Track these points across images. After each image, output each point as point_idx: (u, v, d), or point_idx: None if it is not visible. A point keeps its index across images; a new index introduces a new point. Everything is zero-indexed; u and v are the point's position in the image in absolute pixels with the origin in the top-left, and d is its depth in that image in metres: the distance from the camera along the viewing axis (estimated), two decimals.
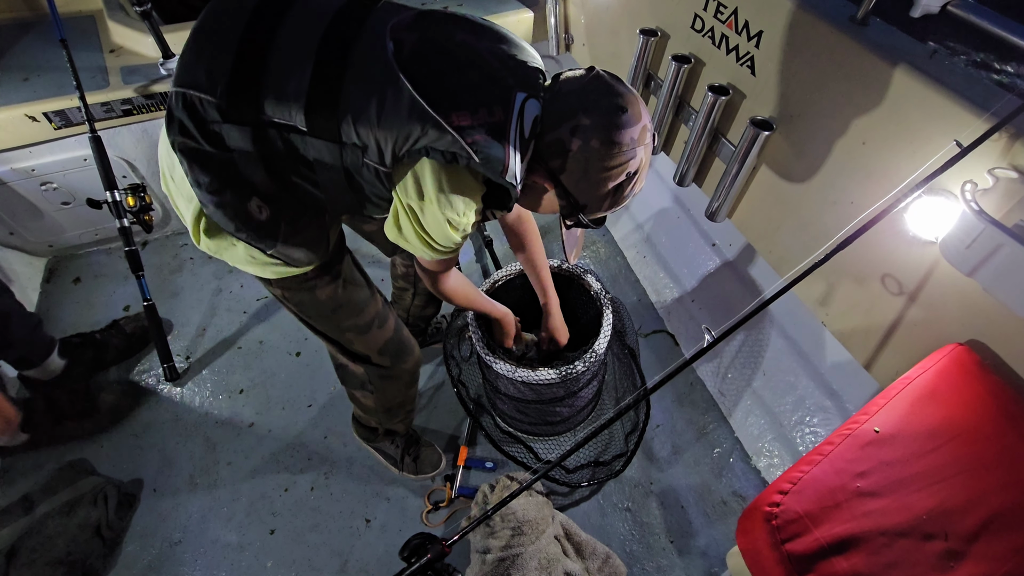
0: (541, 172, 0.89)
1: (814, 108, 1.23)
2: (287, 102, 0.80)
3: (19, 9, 2.04)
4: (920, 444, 0.91)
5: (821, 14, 1.17)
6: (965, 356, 1.01)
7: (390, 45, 0.80)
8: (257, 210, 0.88)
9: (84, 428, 1.70)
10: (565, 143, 0.84)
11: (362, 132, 0.81)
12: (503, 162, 0.80)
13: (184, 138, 0.82)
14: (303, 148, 0.84)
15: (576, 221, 0.95)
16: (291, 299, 1.11)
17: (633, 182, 0.89)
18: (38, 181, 1.90)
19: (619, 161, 0.84)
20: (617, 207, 0.93)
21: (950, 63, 1.04)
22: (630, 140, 0.84)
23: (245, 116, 0.80)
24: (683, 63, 1.49)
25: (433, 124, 0.77)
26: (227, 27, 0.82)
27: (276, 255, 0.94)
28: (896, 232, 1.10)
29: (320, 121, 0.80)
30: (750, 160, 1.37)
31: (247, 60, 0.80)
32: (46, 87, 1.77)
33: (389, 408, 1.44)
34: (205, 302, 2.08)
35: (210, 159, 0.83)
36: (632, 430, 1.67)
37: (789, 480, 0.89)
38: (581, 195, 0.89)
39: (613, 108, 0.83)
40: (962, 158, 0.84)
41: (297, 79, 0.80)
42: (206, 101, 0.80)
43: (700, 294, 1.91)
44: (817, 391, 1.52)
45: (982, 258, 0.88)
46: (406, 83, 0.78)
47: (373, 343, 1.23)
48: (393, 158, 0.83)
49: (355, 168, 0.86)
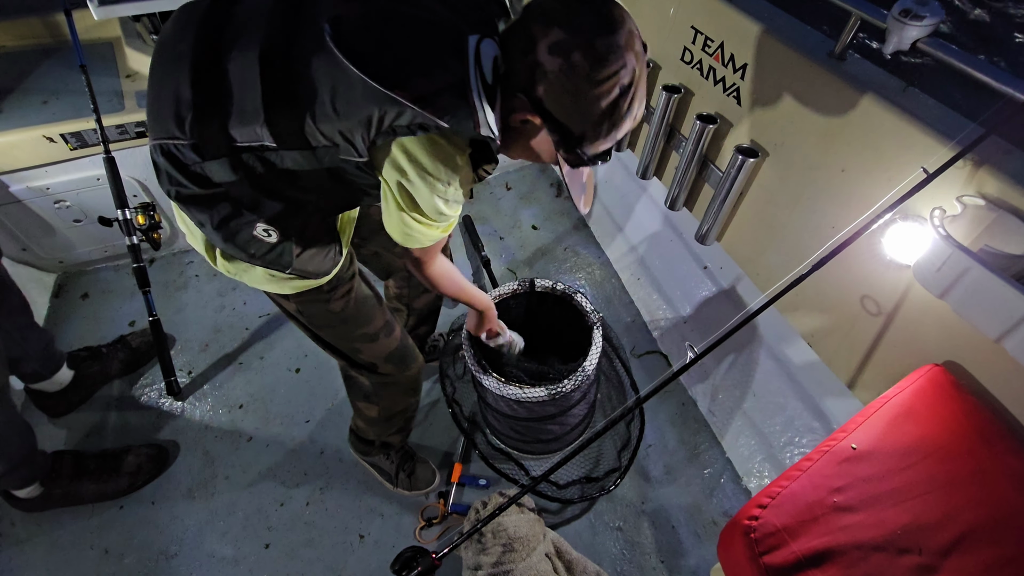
0: (524, 105, 0.80)
1: (796, 137, 1.29)
2: (250, 122, 0.78)
3: (41, 36, 2.13)
4: (896, 461, 0.94)
5: (801, 49, 1.23)
6: (941, 376, 1.04)
7: (327, 28, 0.74)
8: (265, 234, 0.90)
9: (103, 491, 1.63)
10: (544, 65, 0.76)
11: (326, 130, 0.77)
12: (472, 117, 0.75)
13: (174, 186, 0.85)
14: (281, 163, 0.82)
15: (577, 158, 0.85)
16: (305, 312, 1.14)
17: (629, 96, 0.79)
18: (52, 199, 1.97)
19: (608, 72, 0.75)
20: (619, 132, 0.83)
21: (921, 96, 1.09)
22: (616, 46, 0.75)
23: (220, 148, 0.80)
24: (673, 93, 1.56)
25: (389, 102, 0.73)
26: (176, 63, 0.80)
27: (294, 272, 0.96)
28: (874, 256, 1.14)
29: (284, 131, 0.78)
30: (737, 186, 1.42)
31: (203, 87, 0.79)
32: (64, 110, 1.85)
33: (390, 416, 1.46)
34: (209, 318, 2.13)
35: (203, 199, 0.85)
36: (624, 446, 1.69)
37: (768, 495, 0.92)
38: (574, 122, 0.80)
39: (591, 14, 0.75)
40: (927, 184, 0.88)
41: (251, 95, 0.77)
42: (181, 146, 0.81)
43: (692, 315, 1.95)
44: (805, 412, 1.54)
45: (951, 281, 0.92)
46: (349, 66, 0.72)
47: (380, 351, 1.26)
48: (366, 147, 0.79)
49: (336, 167, 0.83)
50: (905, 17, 0.99)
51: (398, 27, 0.76)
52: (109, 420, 1.84)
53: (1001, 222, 0.93)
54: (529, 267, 2.33)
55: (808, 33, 1.28)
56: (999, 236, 0.93)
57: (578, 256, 2.37)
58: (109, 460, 1.66)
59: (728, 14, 1.37)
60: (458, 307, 2.15)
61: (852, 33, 1.17)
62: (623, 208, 2.31)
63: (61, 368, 1.75)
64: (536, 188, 2.69)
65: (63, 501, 1.60)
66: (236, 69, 0.78)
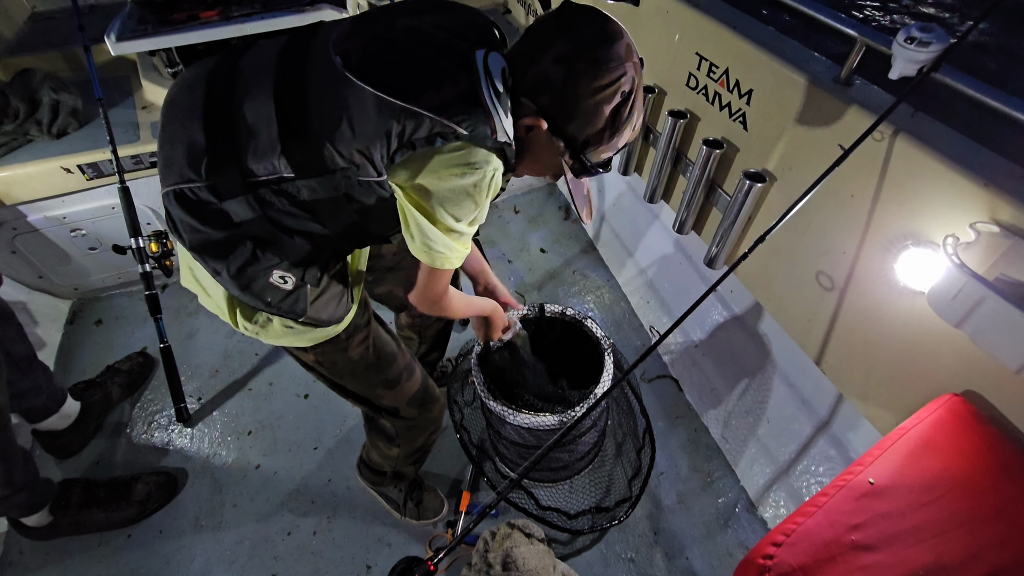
0: (531, 110, 0.84)
1: (804, 162, 1.28)
2: (267, 155, 0.80)
3: (62, 69, 2.20)
4: (916, 496, 0.91)
5: (807, 74, 1.23)
6: (961, 407, 1.01)
7: (337, 59, 0.79)
8: (281, 280, 0.90)
9: (112, 520, 1.63)
10: (549, 75, 0.81)
11: (344, 151, 0.79)
12: (488, 122, 0.79)
13: (188, 234, 0.86)
14: (299, 194, 0.83)
15: (582, 166, 0.89)
16: (325, 362, 1.12)
17: (630, 104, 0.84)
18: (68, 228, 2.01)
19: (610, 78, 0.80)
20: (620, 139, 0.88)
21: (931, 122, 1.08)
22: (617, 55, 0.80)
23: (236, 186, 0.81)
24: (679, 118, 1.56)
25: (406, 114, 0.76)
26: (187, 113, 0.83)
27: (307, 321, 0.97)
28: (887, 281, 1.12)
29: (302, 159, 0.80)
30: (745, 210, 1.41)
31: (217, 131, 0.81)
32: (81, 141, 1.90)
33: (410, 453, 1.45)
34: (219, 344, 2.14)
35: (219, 244, 0.85)
36: (635, 474, 1.66)
37: (783, 532, 0.89)
38: (579, 128, 0.84)
39: (592, 27, 0.81)
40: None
41: (266, 129, 0.80)
42: (196, 189, 0.82)
43: (703, 339, 1.92)
44: (821, 439, 1.51)
45: (967, 310, 0.90)
46: (364, 86, 0.76)
47: (402, 396, 1.25)
48: (384, 165, 0.80)
49: (354, 192, 0.84)
50: (910, 44, 0.99)
51: (403, 52, 0.81)
52: (119, 447, 1.85)
53: (1017, 249, 0.91)
54: (538, 290, 2.32)
55: (813, 59, 1.28)
56: (1015, 264, 0.91)
57: (587, 279, 2.36)
58: (118, 488, 1.65)
59: (733, 41, 1.37)
60: (466, 332, 2.14)
61: (857, 58, 1.17)
62: (632, 231, 2.31)
63: (67, 400, 1.74)
64: (544, 211, 2.70)
65: (72, 530, 1.60)
66: (250, 109, 0.81)
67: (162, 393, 1.97)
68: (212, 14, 1.78)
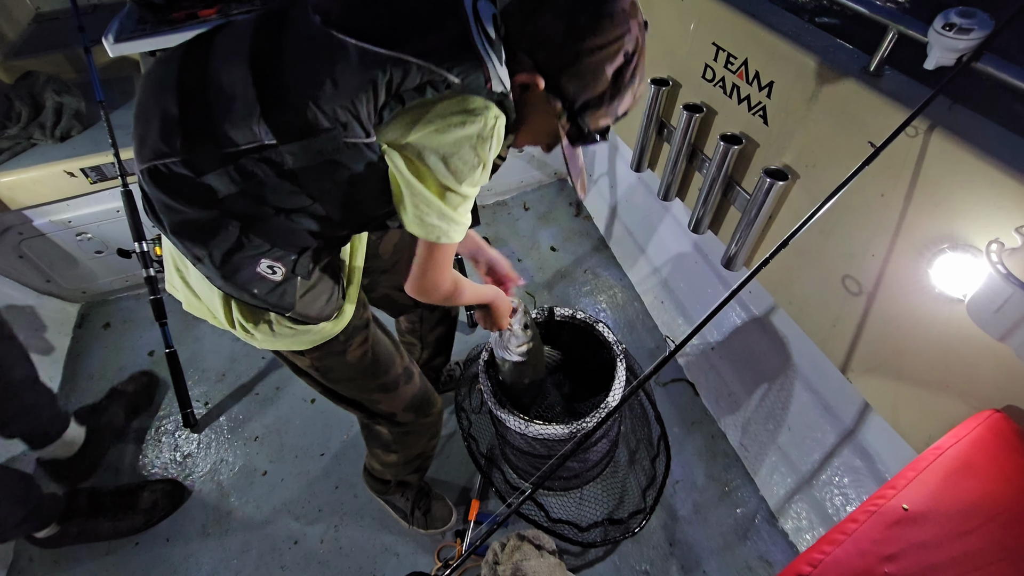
0: (527, 66, 0.78)
1: (829, 159, 1.20)
2: (245, 121, 0.73)
3: (64, 71, 2.18)
4: (955, 524, 0.84)
5: (833, 65, 1.15)
6: (1003, 424, 0.94)
7: (316, 18, 0.74)
8: (269, 271, 0.85)
9: (119, 528, 1.61)
10: (548, 29, 0.76)
11: (328, 109, 0.72)
12: (481, 68, 0.73)
13: (169, 216, 0.80)
14: (283, 162, 0.75)
15: (578, 131, 0.85)
16: (321, 367, 1.08)
17: (632, 65, 0.79)
18: (74, 232, 1.99)
19: (613, 35, 0.75)
20: (621, 105, 0.84)
21: (970, 115, 1.00)
22: (621, 11, 0.75)
23: (214, 158, 0.75)
24: (695, 112, 1.49)
25: (392, 62, 0.70)
26: (160, 86, 0.78)
27: (294, 316, 0.92)
28: (920, 288, 1.05)
29: (283, 122, 0.73)
30: (765, 209, 1.33)
31: (191, 101, 0.76)
32: (83, 144, 1.88)
33: (409, 460, 1.41)
34: (226, 347, 2.12)
35: (201, 226, 0.80)
36: (649, 484, 1.60)
37: (809, 562, 0.83)
38: (578, 89, 0.79)
39: None
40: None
41: (243, 93, 0.74)
42: (172, 164, 0.76)
43: (720, 342, 1.85)
44: (846, 449, 1.43)
45: (1013, 323, 0.82)
46: (346, 38, 0.71)
47: (399, 401, 1.20)
48: (373, 123, 0.74)
49: (341, 157, 0.76)
50: (949, 31, 0.91)
51: (386, 3, 0.75)
52: (126, 453, 1.83)
53: None
54: (548, 290, 2.26)
55: (840, 48, 1.20)
56: None
57: (598, 278, 2.30)
58: (125, 497, 1.64)
59: (752, 29, 1.29)
60: (474, 334, 2.09)
61: (889, 47, 1.09)
62: (645, 229, 2.23)
63: (71, 424, 1.67)
64: (554, 208, 2.63)
65: (80, 538, 1.59)
66: (226, 75, 0.76)
67: (169, 398, 1.96)
68: (211, 12, 1.74)
